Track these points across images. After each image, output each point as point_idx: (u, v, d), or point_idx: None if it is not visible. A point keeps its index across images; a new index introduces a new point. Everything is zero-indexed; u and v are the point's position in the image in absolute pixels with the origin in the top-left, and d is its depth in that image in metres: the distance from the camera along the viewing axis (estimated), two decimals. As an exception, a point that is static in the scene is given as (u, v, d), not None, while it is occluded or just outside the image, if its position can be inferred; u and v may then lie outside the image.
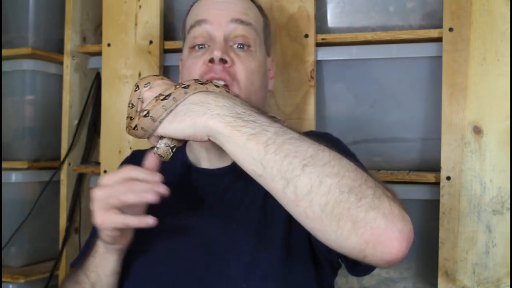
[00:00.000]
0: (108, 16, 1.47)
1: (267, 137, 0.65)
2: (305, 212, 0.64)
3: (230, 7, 0.96)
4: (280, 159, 0.63)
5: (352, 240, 0.62)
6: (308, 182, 0.62)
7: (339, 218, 0.62)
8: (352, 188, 0.62)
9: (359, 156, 0.96)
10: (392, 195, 0.66)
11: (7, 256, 1.58)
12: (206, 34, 0.95)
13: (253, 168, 0.65)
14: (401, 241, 0.62)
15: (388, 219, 0.62)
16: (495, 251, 1.16)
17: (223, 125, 0.66)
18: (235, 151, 0.66)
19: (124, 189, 0.73)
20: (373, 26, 1.33)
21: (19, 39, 1.61)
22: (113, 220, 0.74)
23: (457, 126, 1.19)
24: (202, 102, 0.69)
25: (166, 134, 0.71)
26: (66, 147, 1.58)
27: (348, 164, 0.65)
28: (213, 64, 0.91)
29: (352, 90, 1.35)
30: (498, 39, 1.17)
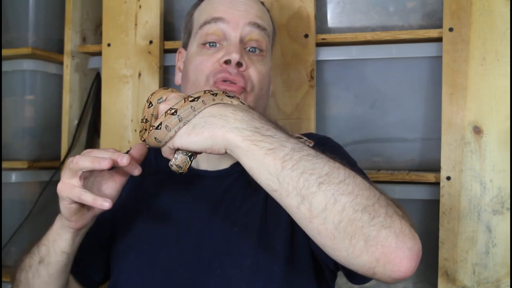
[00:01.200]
0: (108, 16, 1.47)
1: (284, 153, 0.65)
2: (318, 229, 0.64)
3: (248, 9, 0.95)
4: (297, 175, 0.64)
5: (363, 258, 0.63)
6: (323, 200, 0.63)
7: (351, 236, 0.63)
8: (366, 207, 0.63)
9: (359, 156, 0.96)
10: (402, 212, 0.67)
11: (7, 256, 1.58)
12: (221, 33, 0.93)
13: (268, 183, 0.66)
14: (411, 259, 0.63)
15: (399, 238, 0.63)
16: (495, 251, 1.16)
17: (242, 138, 0.66)
18: (252, 165, 0.66)
19: (84, 156, 0.74)
20: (373, 26, 1.33)
21: (19, 39, 1.61)
22: (70, 191, 0.73)
23: (457, 126, 1.19)
24: (221, 115, 0.69)
25: (183, 146, 0.70)
26: (66, 147, 1.58)
27: (362, 183, 0.66)
28: (228, 65, 0.90)
29: (352, 90, 1.35)
30: (498, 39, 1.17)
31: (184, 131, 0.69)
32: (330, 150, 0.93)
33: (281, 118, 1.32)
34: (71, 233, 0.81)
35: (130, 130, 1.43)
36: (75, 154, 1.60)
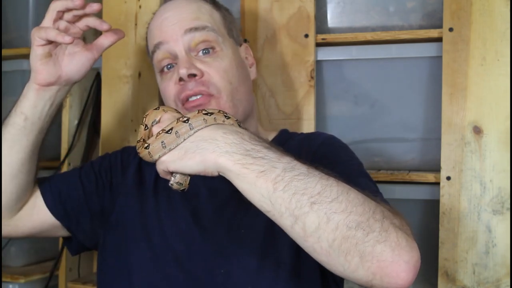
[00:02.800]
0: (108, 16, 1.47)
1: (275, 174, 0.66)
2: (313, 247, 0.65)
3: (180, 18, 0.95)
4: (289, 196, 0.65)
5: (359, 273, 0.64)
6: (316, 219, 0.64)
7: (346, 253, 0.63)
8: (360, 223, 0.63)
9: (359, 156, 0.96)
10: (399, 223, 0.67)
11: (7, 256, 1.58)
12: (168, 53, 0.95)
13: (262, 204, 0.67)
14: (408, 272, 0.64)
15: (395, 252, 0.63)
16: (495, 251, 1.16)
17: (232, 163, 0.67)
18: (244, 187, 0.67)
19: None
20: (373, 26, 1.33)
21: (19, 39, 1.60)
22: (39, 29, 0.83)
23: (457, 126, 1.19)
24: (211, 139, 0.69)
25: (177, 170, 0.71)
26: (66, 147, 1.58)
27: (356, 198, 0.66)
28: (185, 82, 0.91)
29: (352, 90, 1.35)
30: (498, 39, 1.17)
31: (177, 156, 0.70)
32: (334, 151, 0.93)
33: (281, 118, 1.32)
34: (35, 90, 0.86)
35: (130, 130, 1.43)
36: (75, 154, 1.61)
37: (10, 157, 0.87)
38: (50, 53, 0.87)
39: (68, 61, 0.91)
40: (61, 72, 0.89)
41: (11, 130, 0.87)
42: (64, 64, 0.90)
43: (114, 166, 1.02)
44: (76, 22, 0.88)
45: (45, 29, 0.83)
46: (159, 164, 0.73)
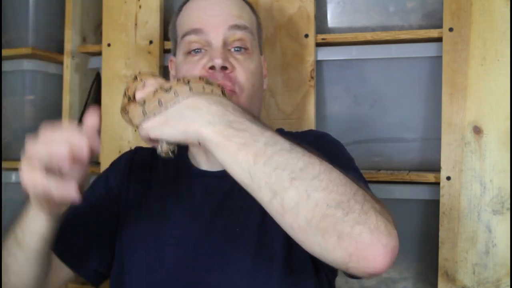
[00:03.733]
0: (108, 16, 1.47)
1: (257, 148, 0.65)
2: (290, 224, 0.64)
3: (225, 12, 0.95)
4: (269, 171, 0.63)
5: (336, 254, 0.63)
6: (296, 196, 0.63)
7: (324, 232, 0.62)
8: (340, 203, 0.62)
9: (359, 156, 0.96)
10: (380, 208, 0.66)
11: (7, 256, 1.58)
12: (203, 41, 0.94)
13: (241, 177, 0.66)
14: (385, 256, 0.63)
15: (373, 235, 0.62)
16: (495, 251, 1.16)
17: (214, 133, 0.66)
18: (225, 159, 0.66)
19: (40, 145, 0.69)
20: (373, 26, 1.33)
21: (19, 39, 1.60)
22: (34, 181, 0.66)
23: (457, 126, 1.19)
24: (195, 108, 0.68)
25: (158, 137, 0.70)
26: (66, 147, 1.58)
27: (337, 178, 0.65)
28: (214, 71, 0.91)
29: (352, 90, 1.35)
30: (498, 39, 1.17)
31: (158, 123, 0.69)
32: (325, 146, 0.94)
33: (281, 118, 1.32)
34: (45, 216, 0.78)
35: (130, 130, 1.43)
36: (75, 154, 1.61)
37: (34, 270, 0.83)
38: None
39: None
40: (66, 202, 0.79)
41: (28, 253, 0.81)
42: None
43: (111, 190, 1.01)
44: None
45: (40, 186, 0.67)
46: (141, 130, 0.71)
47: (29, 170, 0.68)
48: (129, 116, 0.70)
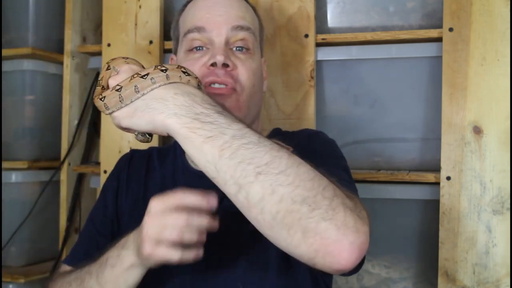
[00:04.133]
0: (108, 16, 1.47)
1: (223, 141, 0.64)
2: (256, 218, 0.64)
3: (229, 13, 0.95)
4: (234, 164, 0.63)
5: (302, 249, 0.63)
6: (260, 190, 0.62)
7: (289, 227, 0.62)
8: (306, 198, 0.62)
9: (359, 156, 0.96)
10: (353, 205, 0.65)
11: (7, 256, 1.58)
12: (205, 39, 0.94)
13: (207, 170, 0.65)
14: (351, 253, 0.62)
15: (339, 231, 0.62)
16: (495, 251, 1.16)
17: (180, 126, 0.66)
18: (191, 151, 0.66)
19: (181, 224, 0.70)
20: (373, 26, 1.33)
21: (19, 39, 1.61)
22: (166, 255, 0.71)
23: (457, 126, 1.19)
24: (162, 99, 0.68)
25: (129, 127, 0.71)
26: (66, 147, 1.58)
27: (305, 173, 0.64)
28: (215, 68, 0.91)
29: (352, 90, 1.35)
30: (498, 39, 1.17)
31: (126, 113, 0.70)
32: (314, 143, 0.94)
33: (281, 118, 1.32)
34: (146, 268, 0.78)
35: (130, 130, 1.43)
36: (75, 154, 1.61)
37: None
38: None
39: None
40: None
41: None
42: None
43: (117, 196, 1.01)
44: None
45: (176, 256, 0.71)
46: (113, 119, 0.72)
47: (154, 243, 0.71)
48: (104, 102, 0.70)
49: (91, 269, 0.82)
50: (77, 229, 1.61)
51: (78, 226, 1.61)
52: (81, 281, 0.82)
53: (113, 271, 0.78)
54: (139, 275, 0.78)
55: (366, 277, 1.33)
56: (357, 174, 1.26)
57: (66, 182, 1.58)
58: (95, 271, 0.81)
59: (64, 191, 1.58)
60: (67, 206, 1.58)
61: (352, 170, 0.92)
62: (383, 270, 1.32)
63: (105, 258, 0.80)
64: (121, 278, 0.78)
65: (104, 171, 1.45)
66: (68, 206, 1.58)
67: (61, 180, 1.58)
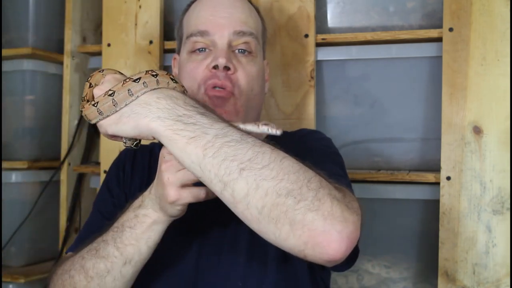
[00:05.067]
0: (108, 16, 1.47)
1: (206, 140, 0.65)
2: (243, 214, 0.65)
3: (232, 16, 0.96)
4: (218, 162, 0.64)
5: (291, 241, 0.63)
6: (245, 186, 0.63)
7: (276, 221, 0.63)
8: (291, 191, 0.63)
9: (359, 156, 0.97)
10: (341, 196, 0.65)
11: (7, 256, 1.58)
12: (208, 41, 0.95)
13: (192, 170, 0.67)
14: (340, 242, 0.62)
15: (326, 221, 0.62)
16: (495, 251, 1.16)
17: (163, 128, 0.67)
18: (176, 152, 0.67)
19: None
20: (373, 26, 1.33)
21: (19, 39, 1.61)
22: (193, 195, 0.74)
23: (457, 126, 1.19)
24: (145, 103, 0.69)
25: (115, 133, 0.72)
26: (66, 147, 1.58)
27: (289, 166, 0.65)
28: (217, 70, 0.92)
29: (352, 90, 1.35)
30: (498, 39, 1.17)
31: (113, 120, 0.71)
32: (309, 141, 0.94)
33: (281, 118, 1.32)
34: (168, 222, 0.79)
35: (130, 130, 1.43)
36: (75, 154, 1.61)
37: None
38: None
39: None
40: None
41: (138, 267, 0.81)
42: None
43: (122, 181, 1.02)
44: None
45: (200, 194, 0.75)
46: (100, 127, 0.73)
47: (177, 187, 0.73)
48: (97, 107, 0.70)
49: (105, 237, 0.81)
50: (77, 229, 1.61)
51: (78, 226, 1.61)
52: (96, 251, 0.81)
53: (133, 233, 0.79)
54: (160, 231, 0.79)
55: (366, 277, 1.33)
56: (357, 174, 1.26)
57: (66, 182, 1.58)
58: (111, 237, 0.80)
59: (64, 191, 1.58)
60: (67, 206, 1.58)
61: (352, 170, 0.93)
62: (383, 270, 1.32)
63: (120, 223, 0.80)
64: (143, 237, 0.78)
65: (104, 171, 1.45)
66: (68, 206, 1.58)
67: (61, 180, 1.58)
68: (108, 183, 1.02)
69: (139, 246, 0.79)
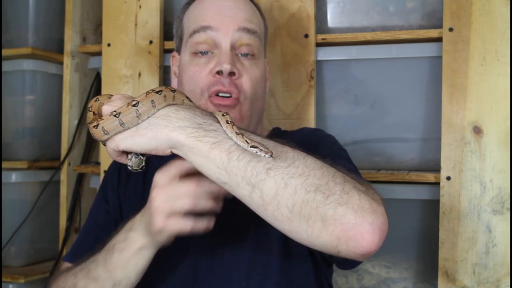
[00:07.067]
0: (108, 16, 1.47)
1: (229, 145, 0.65)
2: (273, 215, 0.64)
3: (236, 14, 0.95)
4: (244, 165, 0.64)
5: (323, 238, 0.63)
6: (274, 186, 0.63)
7: (307, 218, 0.62)
8: (319, 187, 0.63)
9: (359, 156, 0.97)
10: (365, 188, 0.66)
11: (7, 256, 1.58)
12: (211, 41, 0.93)
13: (218, 176, 0.65)
14: (373, 233, 0.62)
15: (357, 214, 0.62)
16: (495, 251, 1.16)
17: (185, 136, 0.66)
18: (199, 161, 0.66)
19: (192, 191, 0.70)
20: (373, 26, 1.33)
21: (19, 39, 1.61)
22: (179, 226, 0.71)
23: (457, 126, 1.19)
24: (163, 116, 0.68)
25: (128, 148, 0.69)
26: (66, 147, 1.58)
27: (313, 163, 0.65)
28: (221, 76, 0.91)
29: (352, 90, 1.35)
30: (498, 39, 1.17)
31: (128, 133, 0.68)
32: (315, 139, 0.95)
33: (281, 118, 1.32)
34: (156, 248, 0.77)
35: (130, 130, 1.43)
36: (75, 154, 1.61)
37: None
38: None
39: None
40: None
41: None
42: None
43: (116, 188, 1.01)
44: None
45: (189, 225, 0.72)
46: (110, 142, 0.70)
47: (165, 216, 0.71)
48: (120, 118, 0.68)
49: (97, 258, 0.80)
50: (77, 229, 1.61)
51: (78, 226, 1.61)
52: (87, 271, 0.81)
53: (122, 256, 0.77)
54: (149, 257, 0.77)
55: (366, 277, 1.33)
56: (357, 174, 1.26)
57: (66, 182, 1.58)
58: (101, 258, 0.79)
59: (64, 191, 1.58)
60: (67, 206, 1.58)
61: (352, 170, 0.93)
62: (383, 270, 1.32)
63: (111, 245, 0.79)
64: (131, 261, 0.77)
65: (104, 171, 1.45)
66: (68, 206, 1.58)
67: (61, 180, 1.58)
68: (104, 189, 1.02)
69: (127, 271, 0.78)
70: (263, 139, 0.67)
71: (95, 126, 0.69)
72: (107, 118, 0.68)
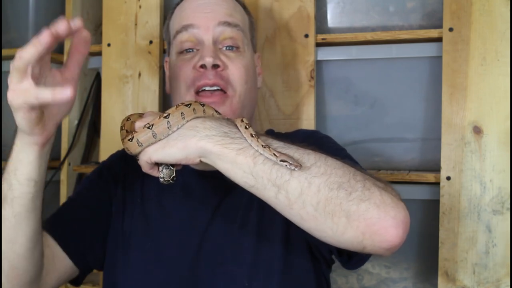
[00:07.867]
0: (108, 16, 1.47)
1: (254, 150, 0.69)
2: (299, 214, 0.67)
3: (216, 9, 0.96)
4: (269, 168, 0.68)
5: (349, 234, 0.65)
6: (298, 185, 0.66)
7: (332, 215, 0.65)
8: (341, 184, 0.66)
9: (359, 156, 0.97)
10: (383, 185, 0.68)
11: (7, 256, 1.57)
12: (194, 38, 0.95)
13: (245, 180, 0.69)
14: (396, 227, 0.64)
15: (380, 209, 0.64)
16: (495, 251, 1.16)
17: (213, 144, 0.70)
18: (226, 167, 0.70)
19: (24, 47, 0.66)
20: (373, 26, 1.33)
21: (19, 39, 1.60)
22: (24, 95, 0.67)
23: (457, 126, 1.19)
24: (191, 127, 0.72)
25: (160, 160, 0.73)
26: (66, 147, 1.58)
27: (334, 163, 0.69)
28: (205, 70, 0.92)
29: (352, 90, 1.35)
30: (498, 39, 1.17)
31: (159, 145, 0.72)
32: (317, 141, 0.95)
33: (281, 118, 1.32)
34: (36, 151, 0.75)
35: (130, 130, 1.43)
36: (75, 154, 1.61)
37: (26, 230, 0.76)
38: (42, 111, 0.73)
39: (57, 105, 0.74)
40: (56, 120, 0.76)
41: (16, 207, 0.74)
42: (55, 110, 0.75)
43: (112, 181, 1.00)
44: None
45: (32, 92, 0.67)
46: (143, 155, 0.73)
47: (18, 80, 0.68)
48: (152, 130, 0.72)
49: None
50: (77, 229, 1.61)
51: (78, 226, 1.61)
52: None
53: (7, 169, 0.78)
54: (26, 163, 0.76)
55: (366, 277, 1.33)
56: (357, 174, 1.26)
57: (66, 182, 1.58)
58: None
59: (64, 191, 1.57)
60: (67, 206, 1.57)
61: (352, 170, 0.93)
62: (383, 270, 1.32)
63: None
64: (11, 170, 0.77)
65: (104, 171, 1.45)
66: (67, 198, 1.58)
67: (61, 180, 1.58)
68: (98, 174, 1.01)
69: (10, 181, 0.75)
70: (285, 144, 0.71)
71: (129, 139, 0.74)
72: (141, 131, 0.73)
